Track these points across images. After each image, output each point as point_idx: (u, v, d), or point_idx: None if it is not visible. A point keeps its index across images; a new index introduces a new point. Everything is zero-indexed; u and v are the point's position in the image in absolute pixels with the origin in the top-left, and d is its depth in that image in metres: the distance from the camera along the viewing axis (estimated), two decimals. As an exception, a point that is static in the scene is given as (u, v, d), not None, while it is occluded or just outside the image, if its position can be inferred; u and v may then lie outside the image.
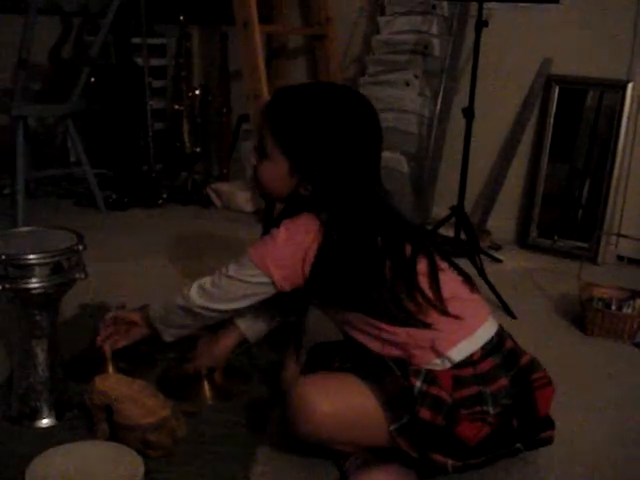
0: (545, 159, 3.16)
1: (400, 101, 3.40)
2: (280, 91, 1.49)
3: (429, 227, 3.01)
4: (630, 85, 2.93)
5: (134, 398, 1.49)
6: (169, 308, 1.68)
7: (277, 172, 1.46)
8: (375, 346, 1.43)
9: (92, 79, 3.73)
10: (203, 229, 3.40)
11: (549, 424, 1.45)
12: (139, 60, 3.84)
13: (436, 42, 3.30)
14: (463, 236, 2.75)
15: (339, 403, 1.34)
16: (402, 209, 1.57)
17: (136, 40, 3.83)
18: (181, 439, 1.51)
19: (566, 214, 3.20)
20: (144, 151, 3.91)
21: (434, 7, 3.29)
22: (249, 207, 3.74)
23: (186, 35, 3.95)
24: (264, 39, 3.40)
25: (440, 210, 3.19)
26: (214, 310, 1.58)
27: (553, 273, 2.88)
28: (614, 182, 2.97)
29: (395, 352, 1.41)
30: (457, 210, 2.74)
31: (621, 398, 1.88)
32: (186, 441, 1.52)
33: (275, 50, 3.96)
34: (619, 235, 2.94)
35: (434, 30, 3.31)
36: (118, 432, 1.47)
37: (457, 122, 3.30)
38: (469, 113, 2.66)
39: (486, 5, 2.63)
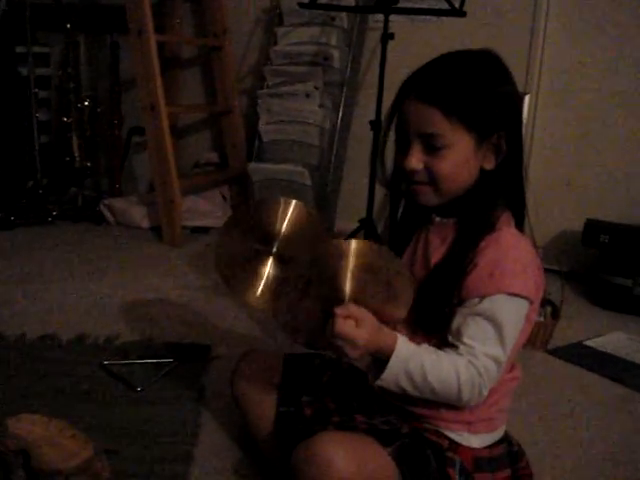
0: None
1: (301, 113, 3.36)
2: (428, 70, 1.23)
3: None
4: (527, 97, 3.00)
5: (52, 440, 1.36)
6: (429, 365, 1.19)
7: (462, 155, 1.22)
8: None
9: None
10: (99, 247, 3.24)
11: None
12: (22, 70, 3.63)
13: (336, 54, 3.28)
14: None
15: (363, 475, 1.18)
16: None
17: (19, 49, 3.62)
18: (106, 481, 1.40)
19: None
20: (29, 166, 3.69)
21: (333, 19, 3.27)
22: (145, 223, 3.60)
23: (73, 44, 3.76)
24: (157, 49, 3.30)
25: (344, 223, 3.17)
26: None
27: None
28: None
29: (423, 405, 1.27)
30: (366, 222, 2.72)
31: (541, 407, 1.90)
32: (112, 483, 1.41)
33: (168, 60, 3.84)
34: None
35: (333, 42, 3.29)
36: (36, 479, 1.34)
37: (359, 134, 3.31)
38: (376, 125, 2.65)
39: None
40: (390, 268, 1.19)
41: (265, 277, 1.43)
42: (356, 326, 1.15)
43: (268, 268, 1.45)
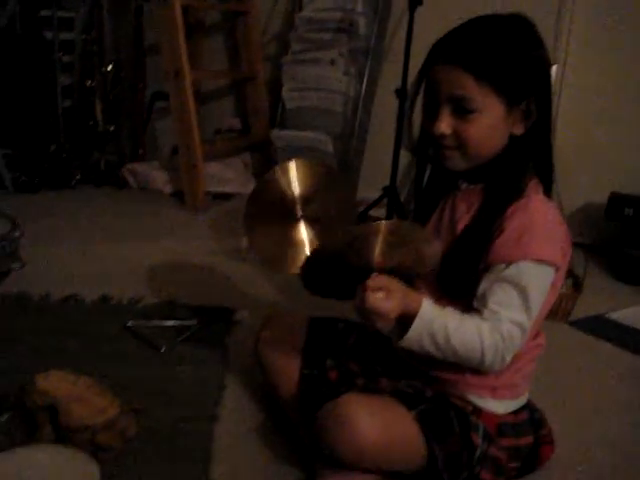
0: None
1: (325, 80, 3.35)
2: (459, 34, 1.22)
3: (359, 208, 2.97)
4: (554, 67, 2.96)
5: (80, 397, 1.39)
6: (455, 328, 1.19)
7: (492, 120, 1.21)
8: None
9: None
10: (121, 211, 3.26)
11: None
12: (47, 34, 3.62)
13: (362, 20, 3.25)
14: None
15: (388, 437, 1.20)
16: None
17: (44, 12, 3.61)
18: (132, 438, 1.41)
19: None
20: (52, 130, 3.70)
21: (360, -15, 3.24)
22: (167, 188, 3.62)
23: (98, 8, 3.75)
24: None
25: (367, 191, 3.15)
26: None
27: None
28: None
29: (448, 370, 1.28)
30: (389, 191, 2.71)
31: (562, 378, 1.90)
32: (137, 440, 1.42)
33: (192, 26, 3.81)
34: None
35: (359, 8, 3.26)
36: (64, 435, 1.36)
37: (383, 102, 3.29)
38: (402, 94, 2.63)
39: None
40: (418, 238, 1.21)
41: (301, 243, 1.45)
42: (385, 297, 1.15)
43: (301, 233, 1.46)
